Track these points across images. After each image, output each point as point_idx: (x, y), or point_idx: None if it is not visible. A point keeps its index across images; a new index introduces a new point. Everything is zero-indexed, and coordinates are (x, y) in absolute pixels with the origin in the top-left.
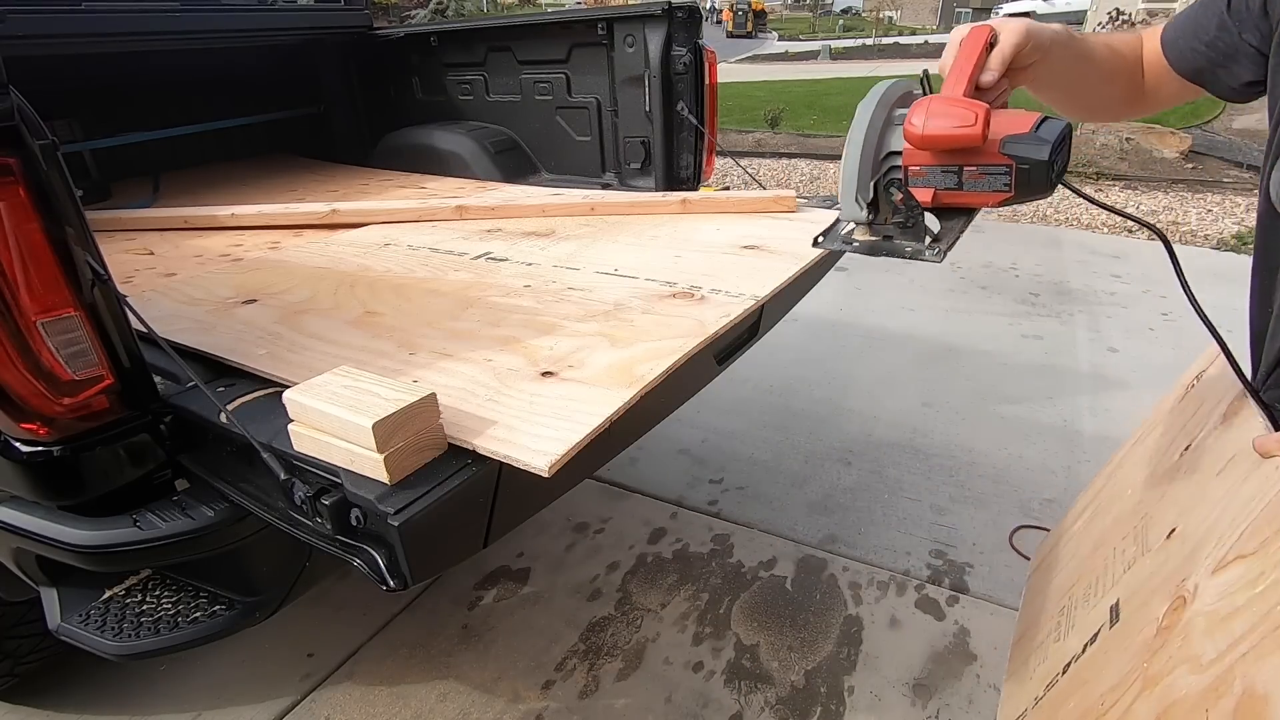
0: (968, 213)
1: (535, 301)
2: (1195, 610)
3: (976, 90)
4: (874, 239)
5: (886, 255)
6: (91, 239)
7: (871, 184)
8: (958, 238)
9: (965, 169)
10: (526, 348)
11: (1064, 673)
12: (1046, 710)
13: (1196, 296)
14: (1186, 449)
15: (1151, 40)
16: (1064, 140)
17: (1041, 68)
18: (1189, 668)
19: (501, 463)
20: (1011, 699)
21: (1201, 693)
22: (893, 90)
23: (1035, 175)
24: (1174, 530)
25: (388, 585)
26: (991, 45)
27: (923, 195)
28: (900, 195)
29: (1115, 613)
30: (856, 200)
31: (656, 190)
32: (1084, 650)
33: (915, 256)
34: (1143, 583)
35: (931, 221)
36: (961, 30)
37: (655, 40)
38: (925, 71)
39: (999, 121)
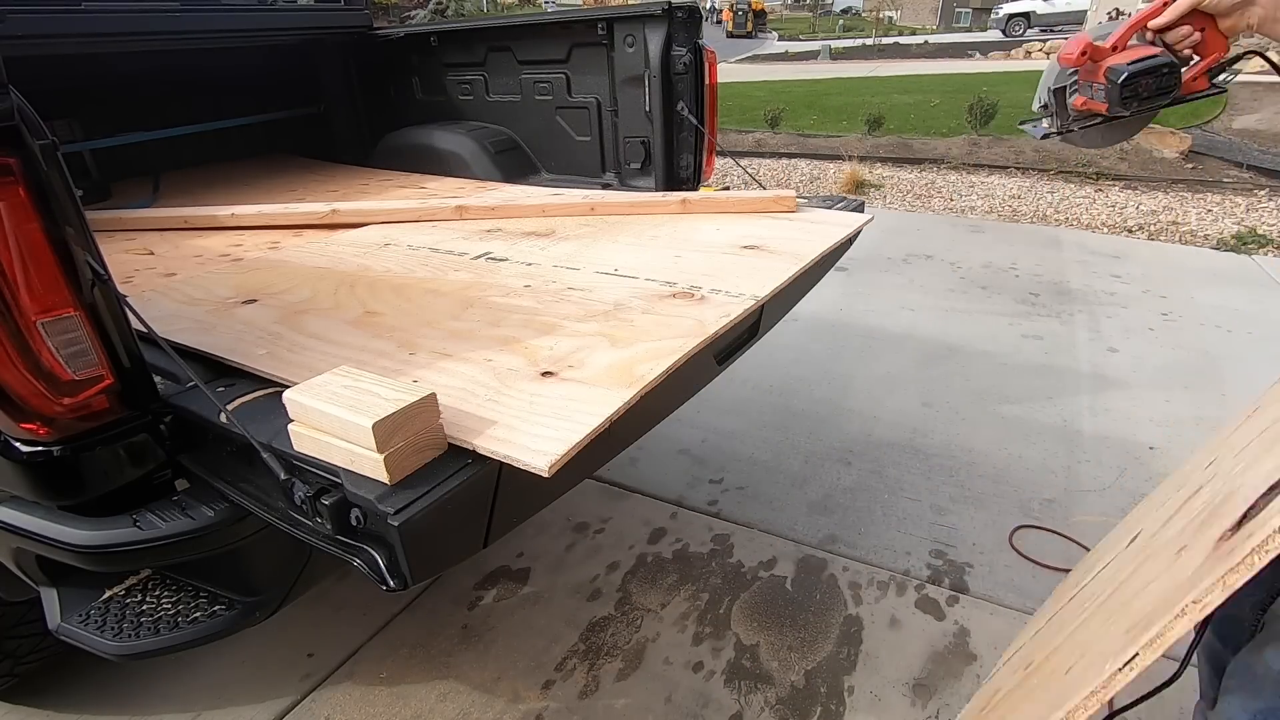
0: (1103, 118)
1: (535, 301)
2: (1206, 488)
3: (1154, 32)
4: (1050, 129)
5: (1047, 139)
6: (91, 239)
7: (1050, 91)
8: (1077, 129)
9: (1093, 85)
10: (526, 348)
11: (1069, 603)
12: (1045, 633)
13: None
14: (1253, 413)
15: None
16: (1147, 72)
17: (1253, 18)
18: (1182, 515)
19: (501, 463)
20: (1011, 647)
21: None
22: (1098, 30)
23: (1113, 93)
24: (1213, 462)
25: (388, 585)
26: None
27: (1080, 100)
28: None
29: (1133, 540)
30: (1038, 97)
31: (656, 190)
32: (1093, 578)
33: (1043, 136)
34: (1167, 511)
35: (1072, 119)
36: None
37: (655, 40)
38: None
39: (1122, 54)
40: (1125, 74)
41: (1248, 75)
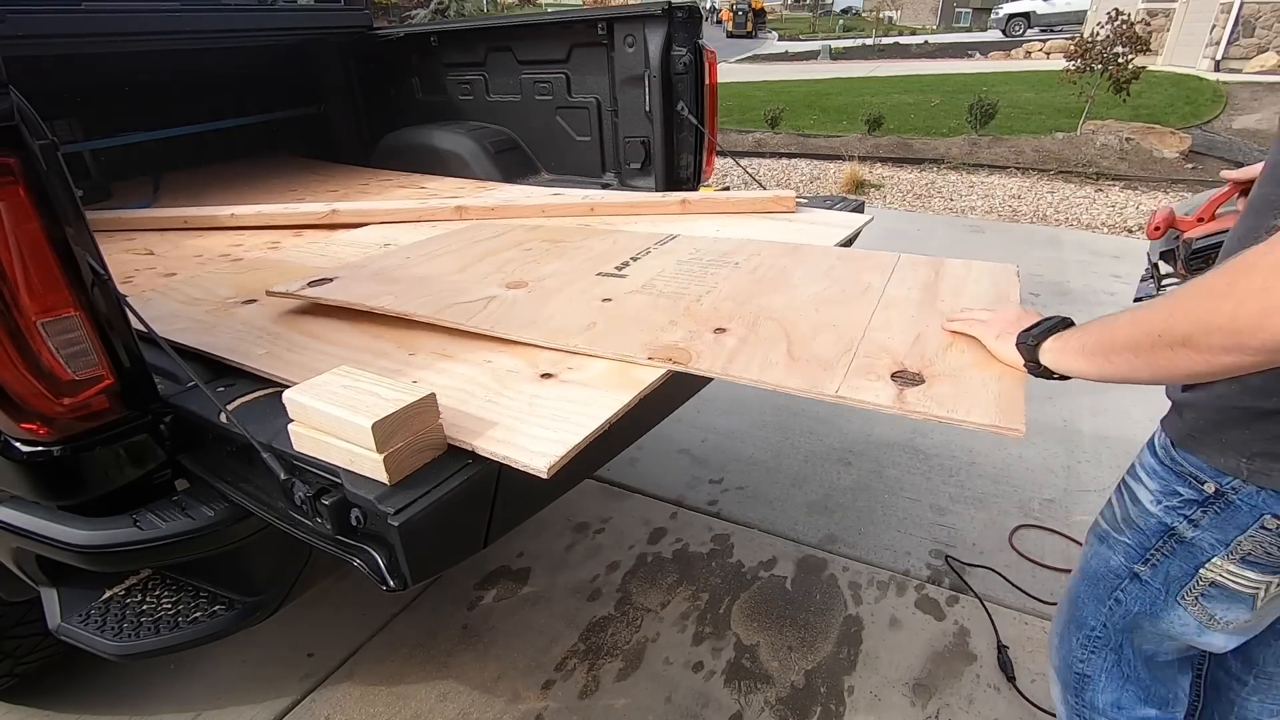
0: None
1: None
2: None
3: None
4: (1152, 289)
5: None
6: (91, 239)
7: (1153, 259)
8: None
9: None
10: (526, 349)
11: None
12: None
13: None
14: None
15: None
16: (1215, 246)
17: None
18: None
19: (501, 464)
20: None
21: None
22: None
23: (1186, 262)
24: None
25: (388, 585)
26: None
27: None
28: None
29: None
30: (1148, 258)
31: (656, 190)
32: None
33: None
34: None
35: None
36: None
37: (655, 40)
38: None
39: (1207, 225)
40: (1195, 246)
41: (1247, 75)
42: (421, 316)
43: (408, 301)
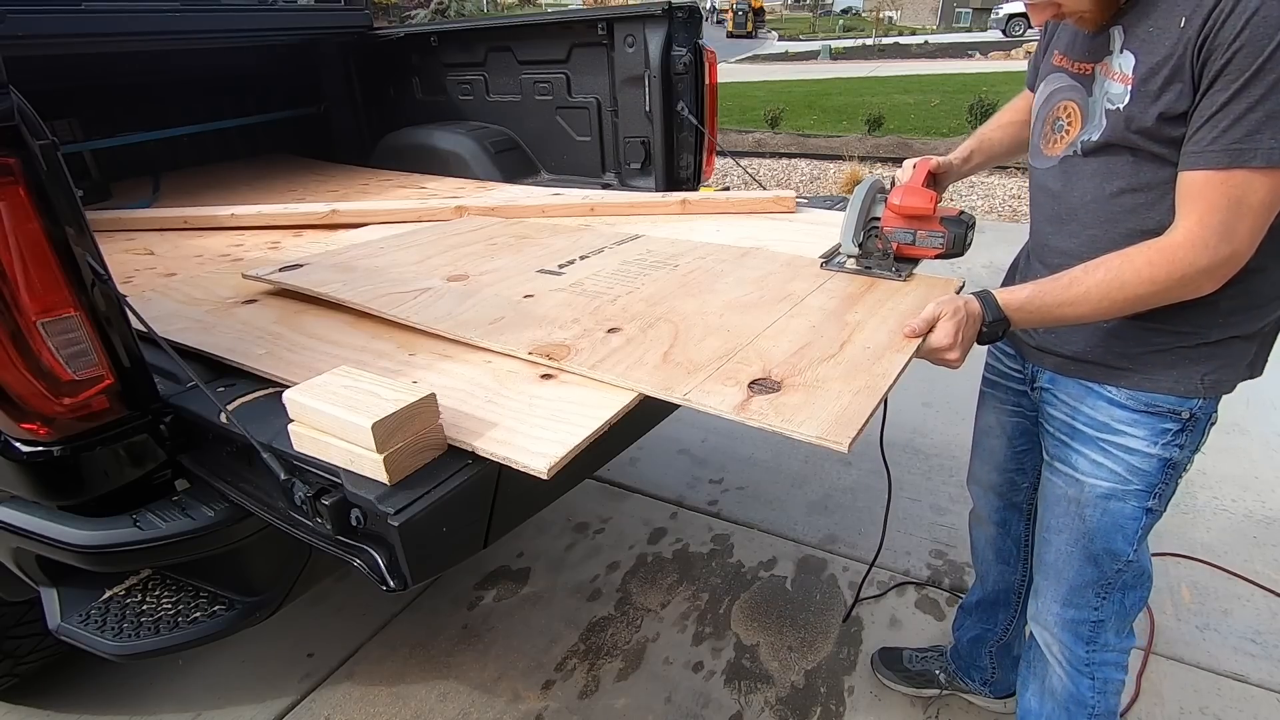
0: (915, 261)
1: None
2: None
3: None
4: (858, 266)
5: (866, 275)
6: (91, 239)
7: (861, 234)
8: (911, 271)
9: (918, 232)
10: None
11: None
12: None
13: None
14: None
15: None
16: (973, 223)
17: (961, 171)
18: None
19: (501, 464)
20: None
21: None
22: (876, 182)
23: (957, 241)
24: None
25: (388, 586)
26: (930, 171)
27: (902, 246)
28: (881, 241)
29: None
30: (853, 242)
31: (656, 190)
32: None
33: (884, 277)
34: None
35: (896, 260)
36: (910, 161)
37: (655, 40)
38: (893, 179)
39: (940, 208)
40: (967, 226)
41: None
42: (356, 304)
43: (350, 289)
